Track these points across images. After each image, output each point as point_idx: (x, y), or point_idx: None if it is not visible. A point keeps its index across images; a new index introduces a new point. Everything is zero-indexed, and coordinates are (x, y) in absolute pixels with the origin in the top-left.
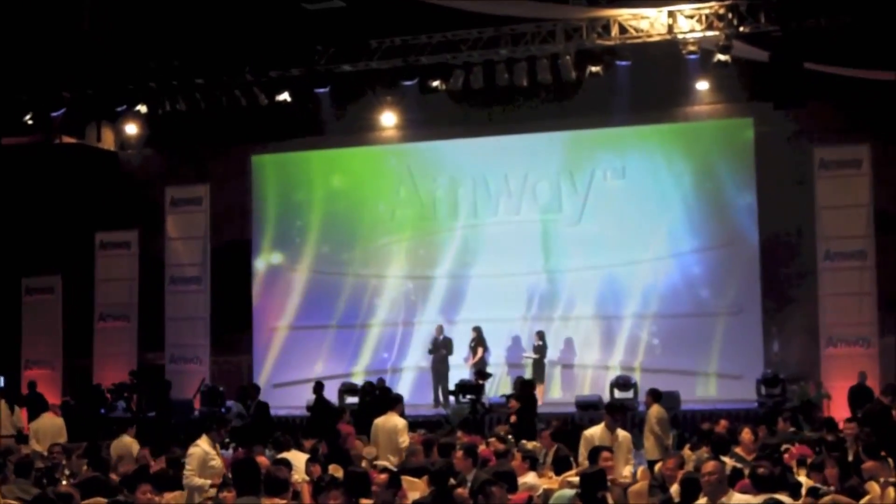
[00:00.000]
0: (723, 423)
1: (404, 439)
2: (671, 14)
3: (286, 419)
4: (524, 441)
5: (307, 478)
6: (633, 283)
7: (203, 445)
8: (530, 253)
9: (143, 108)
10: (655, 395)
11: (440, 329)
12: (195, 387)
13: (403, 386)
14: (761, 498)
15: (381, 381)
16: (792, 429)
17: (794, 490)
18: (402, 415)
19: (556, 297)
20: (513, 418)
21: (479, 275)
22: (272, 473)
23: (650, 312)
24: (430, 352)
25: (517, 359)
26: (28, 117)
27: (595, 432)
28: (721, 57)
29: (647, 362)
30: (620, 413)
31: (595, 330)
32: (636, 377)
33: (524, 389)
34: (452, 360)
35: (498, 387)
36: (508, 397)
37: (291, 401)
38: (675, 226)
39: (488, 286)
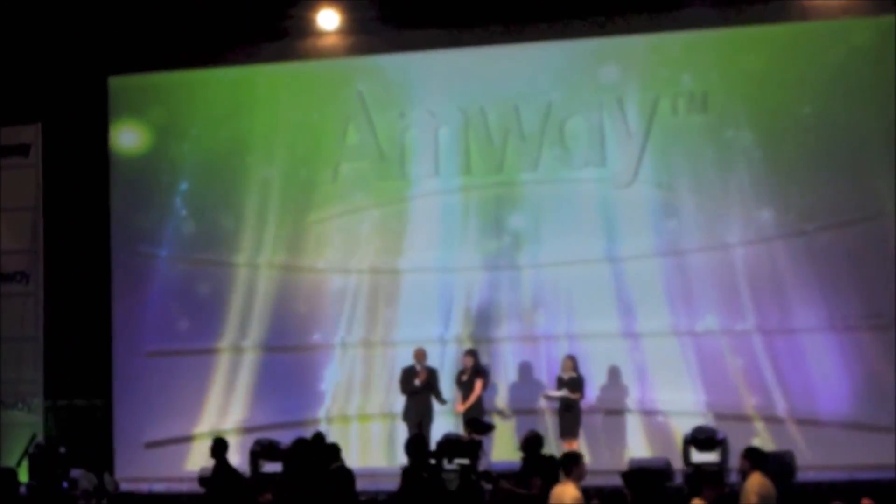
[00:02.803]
0: (865, 502)
1: None
2: None
3: (166, 497)
4: None
5: None
6: (718, 279)
7: None
8: (555, 231)
9: None
10: (757, 459)
11: (421, 354)
12: (21, 448)
13: (360, 443)
14: None
15: (320, 435)
16: None
17: None
18: (578, 481)
19: (594, 300)
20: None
21: (471, 267)
22: None
23: (746, 327)
24: (405, 390)
25: (532, 401)
26: None
27: None
28: None
29: (741, 405)
30: None
31: (658, 353)
32: (724, 429)
33: (532, 449)
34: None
35: (505, 446)
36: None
37: (174, 468)
38: (784, 188)
39: (487, 285)
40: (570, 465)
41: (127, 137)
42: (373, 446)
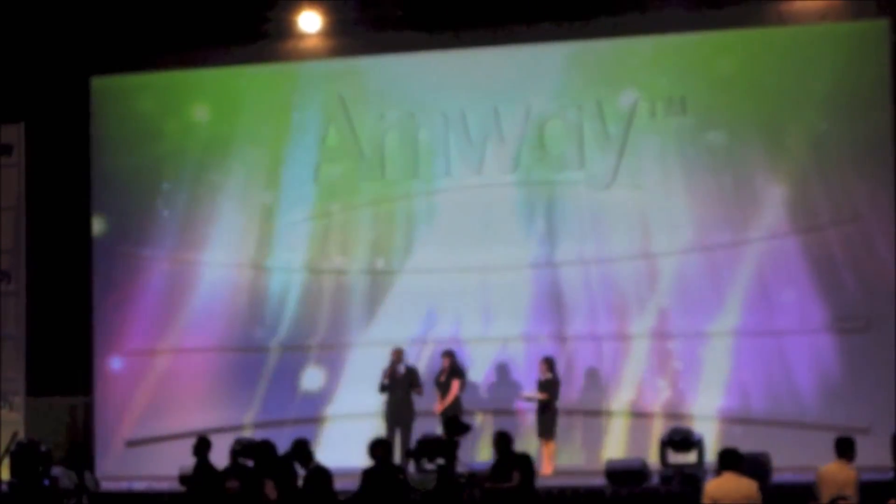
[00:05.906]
0: None
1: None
2: None
3: (146, 496)
4: None
5: None
6: (695, 281)
7: None
8: (533, 233)
9: None
10: (731, 460)
11: (399, 354)
12: (2, 446)
13: (336, 444)
14: None
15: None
16: None
17: None
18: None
19: (573, 302)
20: None
21: (451, 268)
22: None
23: (724, 328)
24: (384, 388)
25: (507, 401)
26: None
27: None
28: None
29: (718, 407)
30: None
31: (636, 354)
32: (701, 431)
33: (504, 446)
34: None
35: (483, 446)
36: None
37: (155, 467)
38: (763, 191)
39: (466, 286)
40: (848, 448)
41: (110, 138)
42: (355, 446)
